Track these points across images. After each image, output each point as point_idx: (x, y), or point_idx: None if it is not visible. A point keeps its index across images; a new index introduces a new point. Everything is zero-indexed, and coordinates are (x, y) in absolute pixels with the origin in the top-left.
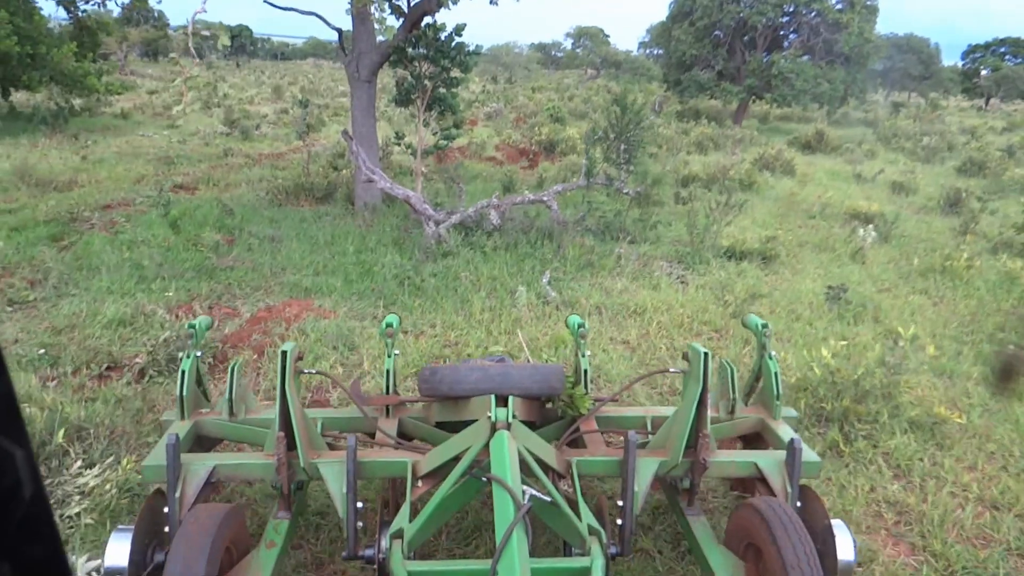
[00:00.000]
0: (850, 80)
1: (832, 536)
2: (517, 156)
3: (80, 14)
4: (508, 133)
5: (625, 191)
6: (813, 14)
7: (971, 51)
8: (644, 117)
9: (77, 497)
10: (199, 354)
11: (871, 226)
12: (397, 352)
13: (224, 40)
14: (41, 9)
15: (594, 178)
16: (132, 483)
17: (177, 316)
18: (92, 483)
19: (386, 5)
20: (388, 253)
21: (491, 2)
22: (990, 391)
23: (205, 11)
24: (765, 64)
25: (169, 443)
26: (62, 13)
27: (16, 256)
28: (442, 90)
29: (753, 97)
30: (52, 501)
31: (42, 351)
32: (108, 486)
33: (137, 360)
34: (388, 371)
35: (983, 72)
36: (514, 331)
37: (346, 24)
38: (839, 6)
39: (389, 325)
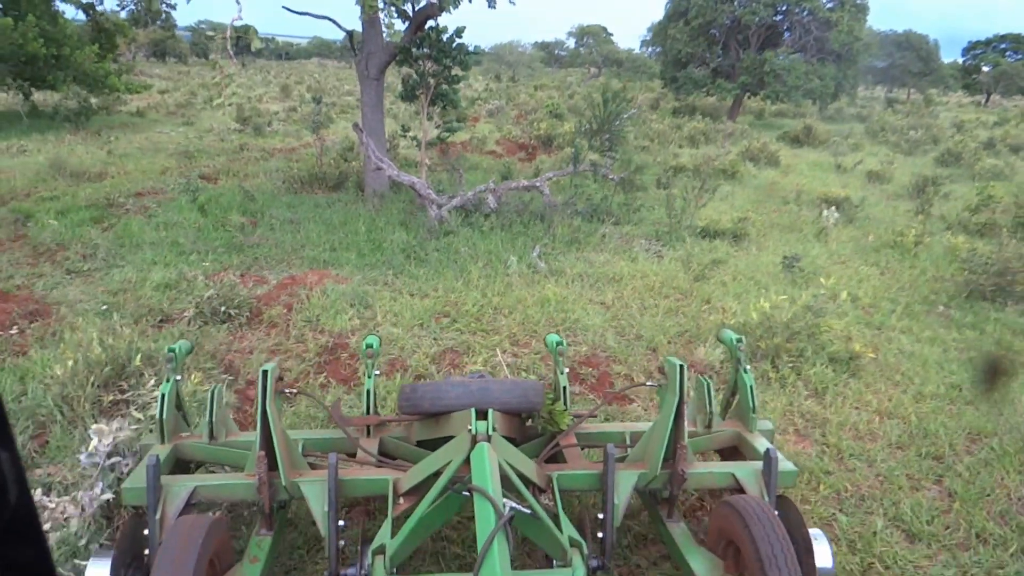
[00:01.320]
0: (841, 76)
1: (810, 544)
2: (516, 150)
3: (98, 17)
4: (508, 129)
5: (610, 177)
6: (805, 13)
7: (972, 47)
8: (625, 111)
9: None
10: (179, 378)
11: (833, 208)
12: (377, 372)
13: (257, 43)
14: (64, 13)
15: (580, 164)
16: (199, 394)
17: (215, 281)
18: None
19: (393, 10)
20: (396, 232)
21: (489, 5)
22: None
23: (241, 18)
24: (758, 61)
25: (150, 464)
26: (78, 15)
27: (67, 234)
28: (444, 87)
29: (747, 94)
30: (136, 408)
31: (104, 307)
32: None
33: (185, 314)
34: (368, 391)
35: (984, 68)
36: (506, 292)
37: (356, 26)
38: (829, 5)
39: (369, 346)
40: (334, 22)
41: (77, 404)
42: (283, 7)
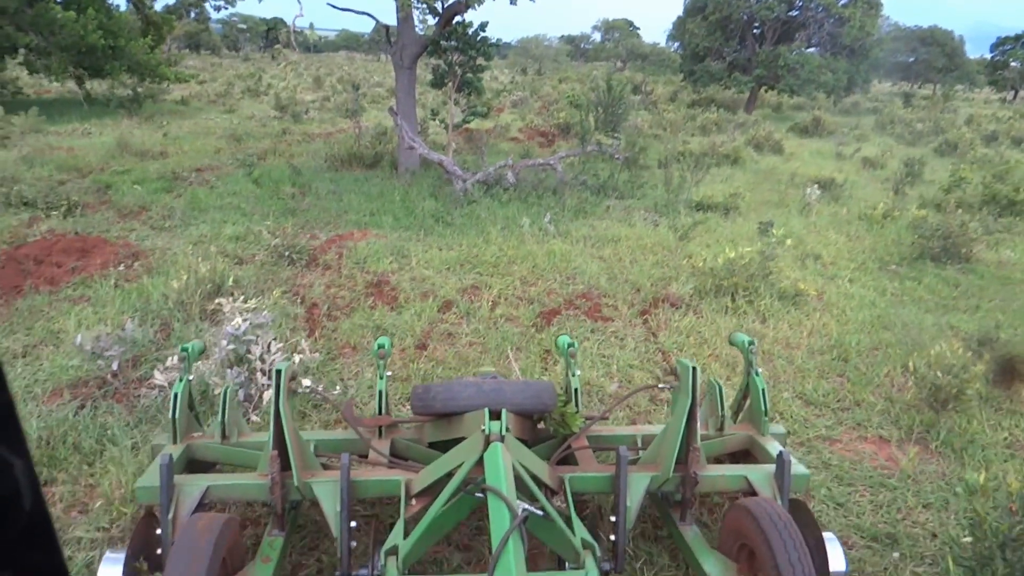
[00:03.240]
0: (853, 71)
1: (823, 548)
2: (537, 136)
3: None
4: (531, 118)
5: (616, 157)
6: (819, 9)
7: (1000, 43)
8: (626, 97)
9: (240, 316)
10: (191, 378)
11: (816, 186)
12: (389, 373)
13: (313, 38)
14: (118, 7)
15: (587, 143)
16: (279, 305)
17: (278, 235)
18: (252, 304)
19: (425, 7)
20: (426, 201)
21: (511, 2)
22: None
23: (302, 15)
24: (773, 55)
25: (163, 463)
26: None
27: (146, 200)
28: (469, 75)
29: (763, 87)
30: (232, 312)
31: (190, 247)
32: (263, 308)
33: (257, 257)
34: (380, 392)
35: (1012, 64)
36: (519, 246)
37: (391, 21)
38: (843, 1)
39: (381, 347)
40: (373, 17)
41: (190, 308)
42: (328, 3)
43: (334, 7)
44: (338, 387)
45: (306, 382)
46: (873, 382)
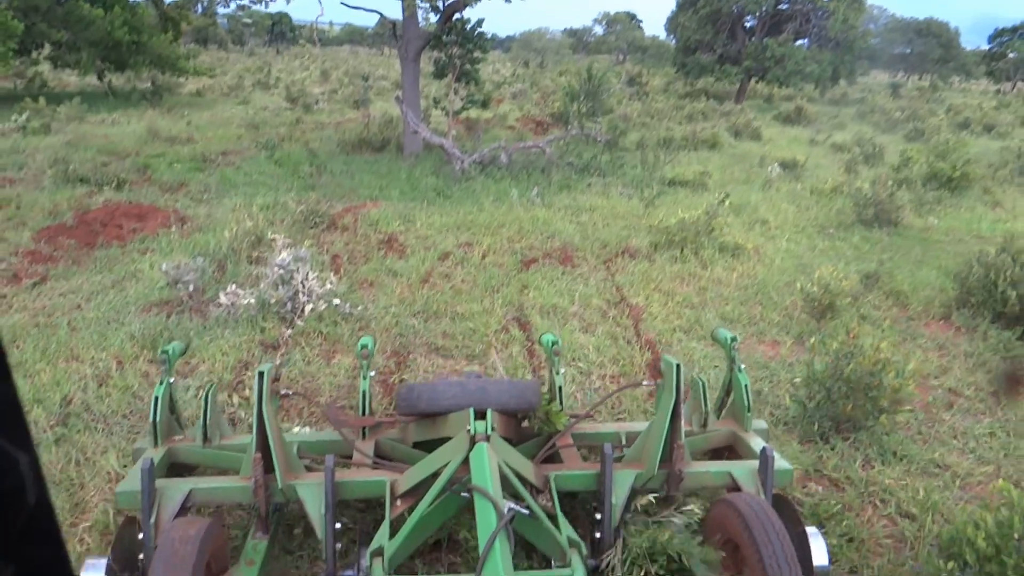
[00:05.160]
0: (838, 62)
1: (807, 542)
2: (532, 125)
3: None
4: (528, 108)
5: (598, 139)
6: (806, 3)
7: (998, 35)
8: (607, 83)
9: (286, 251)
10: (171, 380)
11: (777, 164)
12: (372, 373)
13: (332, 32)
14: (140, 3)
15: (572, 127)
16: (310, 253)
17: (302, 203)
18: (284, 256)
19: (427, 5)
20: (428, 178)
21: (506, 0)
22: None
23: (323, 12)
24: (760, 48)
25: (144, 467)
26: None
27: (184, 177)
28: (467, 67)
29: (753, 78)
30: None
31: (230, 214)
32: (291, 258)
33: (285, 222)
34: (364, 392)
35: (1010, 55)
36: (508, 212)
37: (398, 17)
38: None
39: (364, 347)
40: (381, 15)
41: (239, 253)
42: (341, 3)
43: (346, 5)
44: (360, 306)
45: (336, 301)
46: (780, 306)
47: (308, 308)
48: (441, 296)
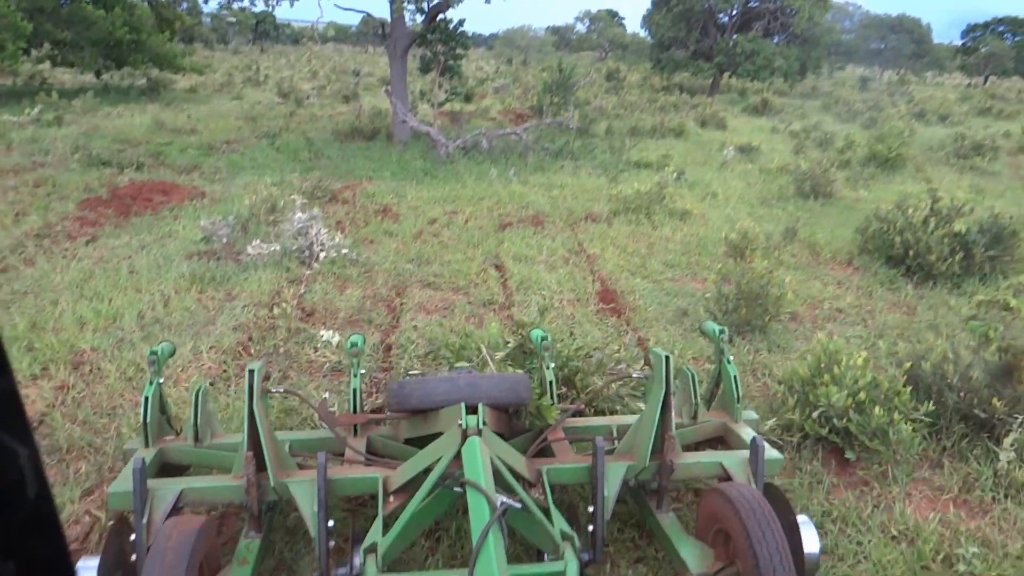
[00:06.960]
0: (805, 57)
1: (798, 531)
2: (513, 117)
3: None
4: (510, 103)
5: (570, 127)
6: (774, 1)
7: (970, 30)
8: (577, 76)
9: (301, 211)
10: (161, 381)
11: (732, 147)
12: (363, 371)
13: (331, 31)
14: (137, 4)
15: (546, 116)
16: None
17: (306, 181)
18: (299, 226)
19: (412, 6)
20: (416, 161)
21: (486, 1)
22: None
23: (322, 15)
24: (731, 44)
25: (136, 467)
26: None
27: (197, 160)
28: (451, 63)
29: (725, 72)
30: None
31: (243, 189)
32: (307, 216)
33: (292, 196)
34: (355, 390)
35: (982, 50)
36: (488, 188)
37: (386, 18)
38: None
39: (354, 344)
40: (371, 16)
41: (259, 217)
42: (335, 5)
43: (339, 7)
44: (364, 255)
45: (344, 251)
46: (712, 255)
47: (322, 255)
48: (431, 248)
